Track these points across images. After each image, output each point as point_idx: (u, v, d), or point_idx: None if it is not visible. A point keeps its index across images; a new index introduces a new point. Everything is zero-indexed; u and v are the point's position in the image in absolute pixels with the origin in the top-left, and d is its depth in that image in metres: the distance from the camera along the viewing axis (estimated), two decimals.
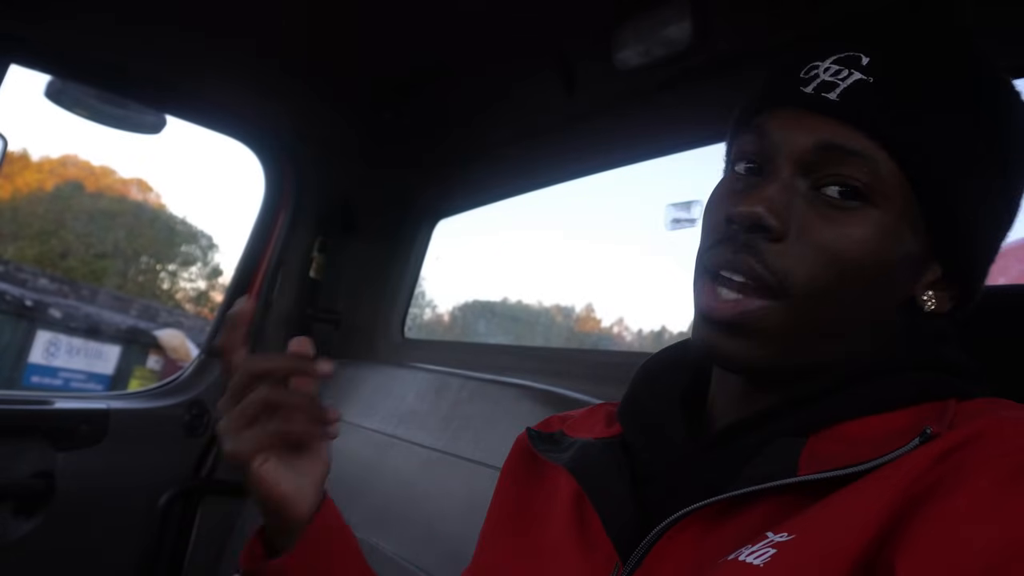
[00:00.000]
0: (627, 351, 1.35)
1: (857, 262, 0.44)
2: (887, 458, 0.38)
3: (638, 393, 0.56)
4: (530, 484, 0.58)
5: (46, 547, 1.30)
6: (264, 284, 1.62)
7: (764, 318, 0.44)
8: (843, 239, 0.43)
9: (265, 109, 1.49)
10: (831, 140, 0.44)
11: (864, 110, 0.44)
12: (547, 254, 23.71)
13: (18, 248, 14.42)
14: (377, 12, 1.13)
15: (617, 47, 1.05)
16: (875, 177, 0.43)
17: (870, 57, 0.45)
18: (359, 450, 1.27)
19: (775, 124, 0.46)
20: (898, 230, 0.44)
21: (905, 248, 0.45)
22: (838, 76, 0.45)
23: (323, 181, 1.64)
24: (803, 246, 0.44)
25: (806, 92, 0.45)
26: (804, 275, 0.43)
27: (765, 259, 0.44)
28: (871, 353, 0.48)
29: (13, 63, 1.19)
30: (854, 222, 0.44)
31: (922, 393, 0.44)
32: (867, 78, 0.44)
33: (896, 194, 0.44)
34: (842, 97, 0.44)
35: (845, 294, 0.44)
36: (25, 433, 1.30)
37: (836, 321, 0.45)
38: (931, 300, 0.47)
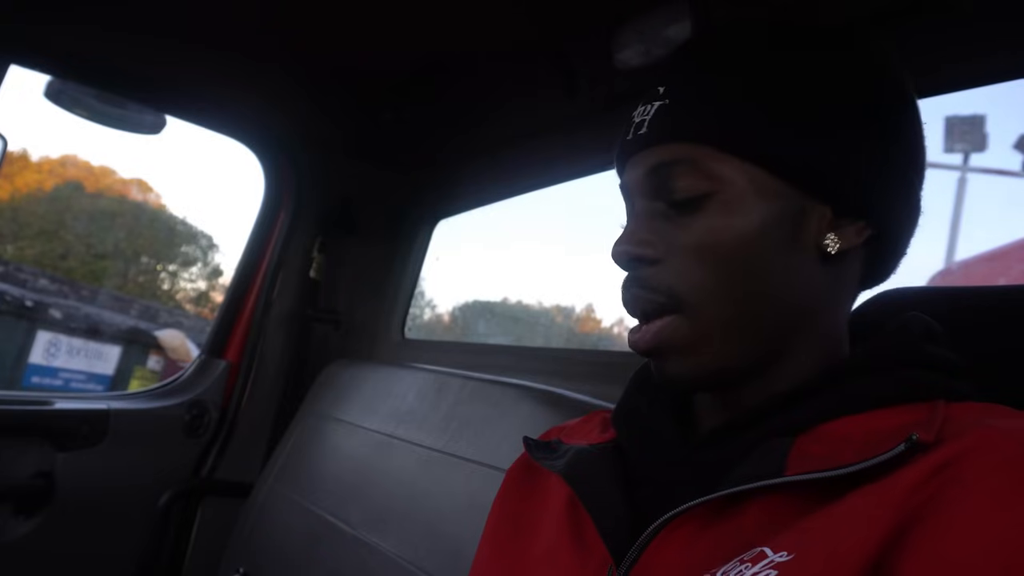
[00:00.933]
0: (627, 351, 1.35)
1: (718, 247, 0.47)
2: (874, 462, 0.38)
3: (632, 398, 0.57)
4: (527, 493, 0.60)
5: (46, 547, 1.30)
6: (264, 284, 1.62)
7: (676, 331, 0.48)
8: (698, 235, 0.47)
9: (265, 109, 1.49)
10: (655, 162, 0.49)
11: (664, 126, 0.49)
12: (547, 254, 23.73)
13: (18, 248, 14.42)
14: (377, 12, 1.13)
15: (617, 47, 1.05)
16: (704, 171, 0.47)
17: (664, 85, 0.50)
18: (359, 450, 1.27)
19: (624, 175, 0.54)
20: (751, 201, 0.47)
21: (769, 211, 0.47)
22: (644, 113, 0.51)
23: (323, 181, 1.64)
24: (675, 258, 0.48)
25: (628, 139, 0.52)
26: (687, 283, 0.47)
27: (649, 284, 0.48)
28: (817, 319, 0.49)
29: (13, 63, 1.19)
30: (706, 215, 0.47)
31: (908, 391, 0.44)
32: (664, 101, 0.50)
33: (732, 173, 0.47)
34: (649, 126, 0.50)
35: (731, 280, 0.47)
36: (25, 433, 1.30)
37: (744, 306, 0.47)
38: (833, 240, 0.48)
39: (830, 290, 0.49)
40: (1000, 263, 2.43)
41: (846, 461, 0.40)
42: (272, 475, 1.43)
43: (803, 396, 0.47)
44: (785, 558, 0.38)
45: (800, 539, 0.38)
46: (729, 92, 0.48)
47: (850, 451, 0.41)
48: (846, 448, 0.41)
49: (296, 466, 1.39)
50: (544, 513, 0.55)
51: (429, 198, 1.68)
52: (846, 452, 0.41)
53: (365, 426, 1.31)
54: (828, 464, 0.40)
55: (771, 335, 0.48)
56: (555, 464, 0.55)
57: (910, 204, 0.51)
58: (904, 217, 0.51)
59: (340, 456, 1.30)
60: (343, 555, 1.14)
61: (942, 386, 0.45)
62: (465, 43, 1.20)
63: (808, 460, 0.42)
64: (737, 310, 0.47)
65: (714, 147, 0.47)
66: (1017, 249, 2.49)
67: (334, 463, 1.31)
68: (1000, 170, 6.84)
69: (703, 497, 0.43)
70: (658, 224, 0.50)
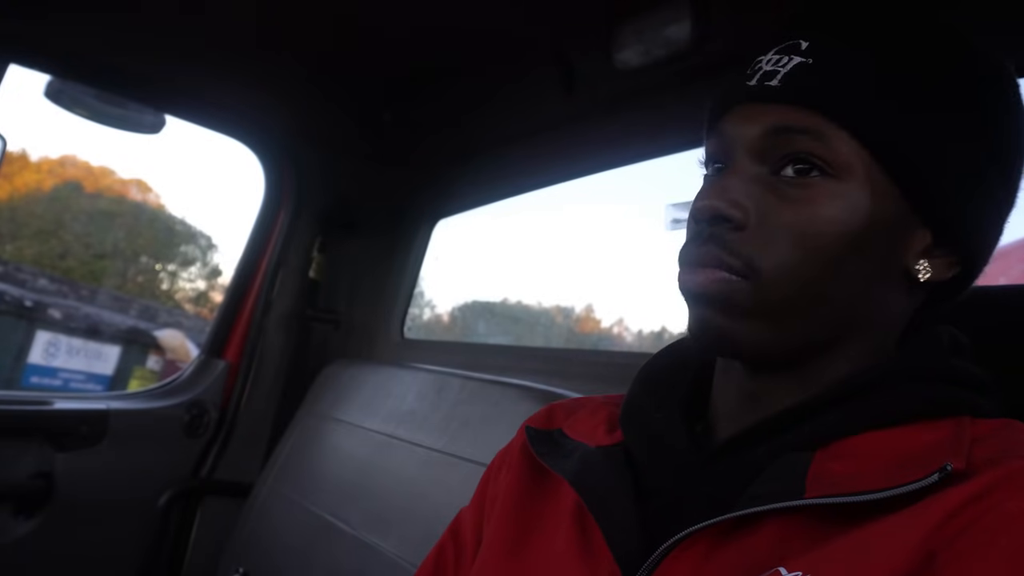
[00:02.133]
0: (627, 351, 1.36)
1: (819, 237, 0.44)
2: (900, 491, 0.37)
3: (638, 399, 0.55)
4: (534, 486, 0.57)
5: (46, 547, 1.29)
6: (264, 284, 1.62)
7: (735, 292, 0.44)
8: (803, 216, 0.44)
9: (265, 109, 1.49)
10: (778, 123, 0.45)
11: (805, 89, 0.45)
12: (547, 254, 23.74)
13: (16, 248, 14.41)
14: (377, 12, 1.13)
15: (617, 47, 1.05)
16: (829, 151, 0.44)
17: (808, 41, 0.46)
18: (359, 450, 1.27)
19: (730, 122, 0.48)
20: (864, 199, 0.44)
21: (878, 217, 0.44)
22: (779, 64, 0.46)
23: (323, 181, 1.63)
24: (765, 230, 0.44)
25: (750, 85, 0.47)
26: (769, 258, 0.44)
27: (730, 247, 0.45)
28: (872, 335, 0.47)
29: (13, 63, 1.19)
30: (813, 198, 0.44)
31: (933, 407, 0.43)
32: (806, 60, 0.45)
33: (856, 163, 0.44)
34: (783, 81, 0.45)
35: (815, 270, 0.44)
36: (25, 433, 1.30)
37: (814, 299, 0.45)
38: (925, 268, 0.46)
39: (895, 311, 0.48)
40: (1000, 263, 2.43)
41: (870, 485, 0.38)
42: (272, 475, 1.43)
43: (825, 406, 0.45)
44: None
45: (818, 561, 0.37)
46: (877, 76, 0.44)
47: (875, 473, 0.39)
48: (869, 468, 0.40)
49: (296, 466, 1.39)
50: (553, 514, 0.53)
51: (429, 198, 1.68)
52: (870, 474, 0.39)
53: (365, 426, 1.30)
54: (851, 487, 0.39)
55: (822, 335, 0.46)
56: (563, 467, 0.53)
57: (997, 234, 0.49)
58: (990, 251, 0.49)
59: (340, 456, 1.30)
60: (343, 555, 1.14)
61: (968, 402, 0.43)
62: (465, 43, 1.20)
63: (829, 480, 0.40)
64: (807, 301, 0.44)
65: (849, 130, 0.44)
66: (1017, 249, 2.49)
67: (334, 463, 1.31)
68: None
69: (717, 518, 0.41)
70: (757, 189, 0.45)
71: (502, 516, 0.57)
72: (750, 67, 0.48)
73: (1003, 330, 0.56)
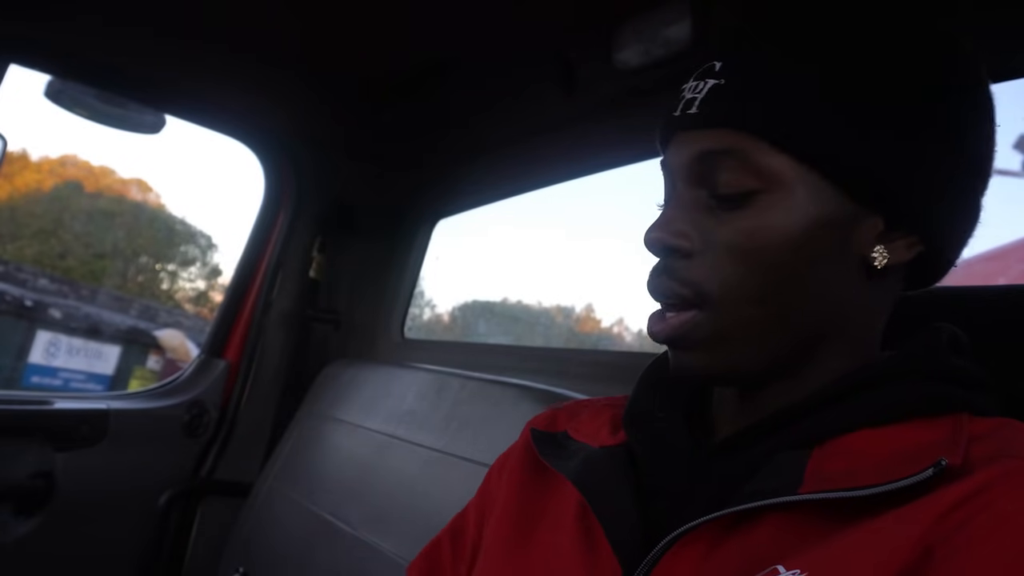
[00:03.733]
0: (627, 351, 1.36)
1: (760, 251, 0.44)
2: (898, 485, 0.37)
3: (642, 400, 0.55)
4: (536, 486, 0.57)
5: (46, 547, 1.29)
6: (264, 284, 1.62)
7: (696, 327, 0.46)
8: (739, 234, 0.45)
9: (265, 109, 1.49)
10: (703, 149, 0.46)
11: (719, 110, 0.46)
12: (547, 254, 23.74)
13: (16, 248, 14.41)
14: (377, 12, 1.13)
15: (617, 47, 1.05)
16: (754, 165, 0.45)
17: (721, 62, 0.47)
18: (359, 450, 1.27)
19: (668, 154, 0.50)
20: (800, 203, 0.44)
21: (818, 216, 0.44)
22: (696, 90, 0.48)
23: (323, 181, 1.63)
24: (710, 254, 0.46)
25: (675, 116, 0.49)
26: (716, 281, 0.45)
27: (679, 276, 0.46)
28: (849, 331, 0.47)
29: (13, 63, 1.19)
30: (750, 214, 0.45)
31: (931, 404, 0.43)
32: (719, 81, 0.46)
33: (784, 171, 0.44)
34: (700, 107, 0.47)
35: (766, 284, 0.45)
36: (25, 433, 1.30)
37: (774, 311, 0.45)
38: (881, 254, 0.46)
39: (869, 302, 0.48)
40: (1000, 263, 2.43)
41: (867, 480, 0.38)
42: (272, 475, 1.43)
43: (823, 405, 0.45)
44: (798, 575, 0.37)
45: (815, 557, 0.38)
46: (790, 82, 0.45)
47: (871, 469, 0.40)
48: (866, 465, 0.40)
49: (296, 466, 1.39)
50: (555, 513, 0.54)
51: (429, 198, 1.68)
52: (866, 470, 0.40)
53: (365, 426, 1.30)
54: (848, 483, 0.39)
55: (797, 343, 0.46)
56: (564, 466, 0.53)
57: (968, 215, 0.48)
58: (960, 230, 0.48)
59: (340, 456, 1.30)
60: (343, 555, 1.14)
61: (965, 400, 0.43)
62: (465, 43, 1.20)
63: (826, 476, 0.41)
64: (764, 314, 0.45)
65: (767, 141, 0.44)
66: (1017, 249, 2.49)
67: (334, 463, 1.31)
68: (1000, 170, 6.83)
69: (715, 513, 0.42)
70: (698, 215, 0.47)
71: (505, 515, 0.57)
72: (677, 96, 0.50)
73: (1003, 330, 0.56)
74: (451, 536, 0.65)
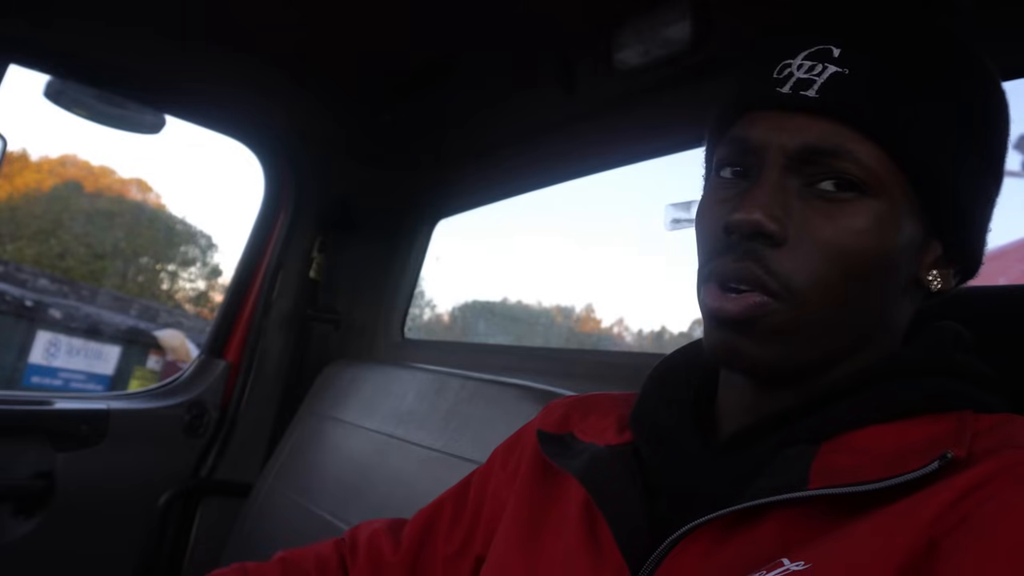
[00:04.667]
0: (627, 351, 1.36)
1: (860, 255, 0.43)
2: (904, 479, 0.38)
3: (648, 400, 0.55)
4: (545, 486, 0.58)
5: (46, 547, 1.29)
6: (264, 284, 1.62)
7: (772, 314, 0.43)
8: (843, 234, 0.43)
9: (265, 109, 1.49)
10: (818, 138, 0.44)
11: (845, 104, 0.44)
12: (547, 254, 23.73)
13: (16, 248, 14.41)
14: (377, 12, 1.13)
15: (617, 47, 1.05)
16: (866, 169, 0.43)
17: (841, 48, 0.45)
18: (359, 450, 1.27)
19: (759, 127, 0.46)
20: (896, 216, 0.44)
21: (905, 233, 0.45)
22: (812, 72, 0.44)
23: (323, 181, 1.63)
24: (805, 247, 0.44)
25: (783, 92, 0.45)
26: (808, 276, 0.43)
27: (769, 266, 0.43)
28: (881, 343, 0.48)
29: (13, 63, 1.19)
30: (852, 215, 0.43)
31: (936, 401, 0.43)
32: (842, 70, 0.44)
33: (890, 181, 0.44)
34: (821, 93, 0.44)
35: (852, 288, 0.44)
36: (25, 433, 1.30)
37: (844, 316, 0.45)
38: (936, 279, 0.47)
39: (903, 317, 0.49)
40: (1000, 263, 2.43)
41: (873, 475, 0.38)
42: (272, 475, 1.43)
43: (828, 401, 0.45)
44: (802, 567, 0.37)
45: (820, 550, 0.38)
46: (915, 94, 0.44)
47: (877, 464, 0.40)
48: (872, 460, 0.40)
49: (296, 466, 1.39)
50: (562, 511, 0.54)
51: (429, 198, 1.68)
52: (872, 465, 0.40)
53: (365, 426, 1.31)
54: (853, 478, 0.39)
55: (840, 347, 0.46)
56: (570, 464, 0.53)
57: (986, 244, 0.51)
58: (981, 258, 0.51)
59: (340, 456, 1.30)
60: None
61: (970, 396, 0.44)
62: (465, 43, 1.20)
63: (832, 472, 0.41)
64: (838, 317, 0.44)
65: (888, 148, 0.43)
66: (1017, 249, 2.49)
67: (334, 463, 1.31)
68: None
69: (722, 510, 0.41)
70: (792, 203, 0.44)
71: (515, 515, 0.58)
72: (776, 70, 0.46)
73: (1004, 329, 0.56)
74: (454, 502, 0.68)
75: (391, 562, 0.66)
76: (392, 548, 0.68)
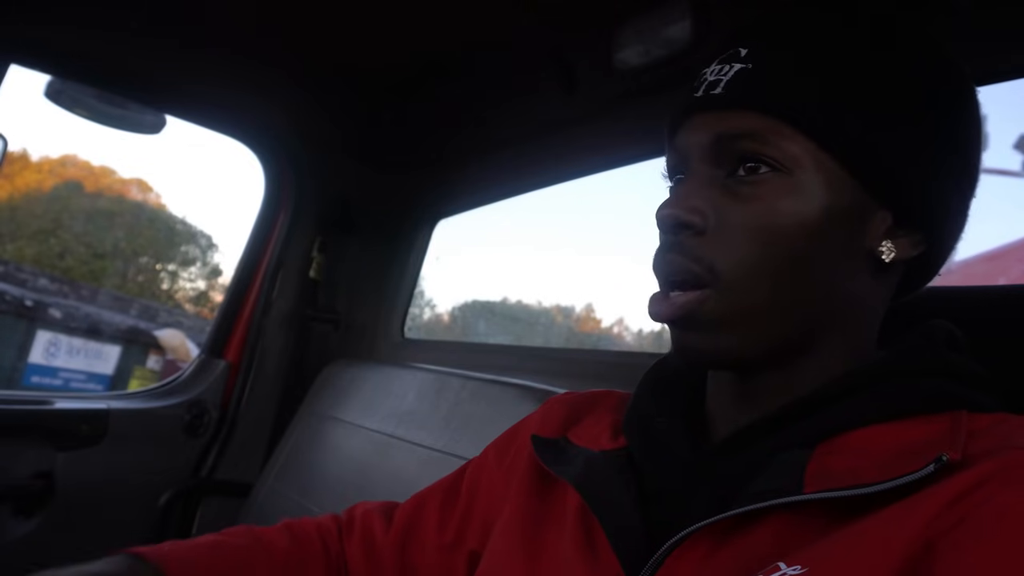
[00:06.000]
0: (627, 351, 1.36)
1: (778, 232, 0.45)
2: (899, 482, 0.38)
3: (641, 403, 0.55)
4: (541, 492, 0.58)
5: (46, 547, 1.29)
6: (264, 284, 1.62)
7: (704, 305, 0.46)
8: (760, 214, 0.45)
9: (265, 109, 1.49)
10: (726, 127, 0.47)
11: (749, 93, 0.47)
12: (547, 254, 23.73)
13: (16, 248, 14.41)
14: (377, 12, 1.13)
15: (617, 47, 1.05)
16: (776, 148, 0.45)
17: (747, 48, 0.48)
18: (359, 450, 1.27)
19: (682, 132, 0.50)
20: (817, 189, 0.45)
21: (833, 204, 0.45)
22: (721, 73, 0.48)
23: (323, 181, 1.64)
24: (726, 232, 0.46)
25: (697, 96, 0.49)
26: (730, 258, 0.45)
27: (692, 253, 0.46)
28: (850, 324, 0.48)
29: (13, 63, 1.19)
30: (766, 194, 0.45)
31: (931, 402, 0.43)
32: (746, 65, 0.47)
33: (804, 156, 0.45)
34: (726, 88, 0.47)
35: (779, 265, 0.45)
36: (25, 433, 1.30)
37: (783, 294, 0.45)
38: (888, 248, 0.47)
39: (869, 298, 0.48)
40: (1000, 263, 2.43)
41: (868, 478, 0.39)
42: (272, 475, 1.43)
43: (822, 403, 0.45)
44: (798, 571, 0.37)
45: (816, 554, 0.38)
46: (815, 71, 0.46)
47: (872, 467, 0.40)
48: (867, 463, 0.40)
49: (296, 466, 1.39)
50: (559, 517, 0.54)
51: (429, 198, 1.68)
52: (868, 468, 0.40)
53: (365, 426, 1.31)
54: (849, 481, 0.39)
55: (800, 330, 0.47)
56: (566, 471, 0.53)
57: (962, 216, 0.50)
58: (956, 230, 0.50)
59: (340, 456, 1.30)
60: None
61: (964, 397, 0.44)
62: (465, 43, 1.20)
63: (827, 475, 0.41)
64: (774, 297, 0.45)
65: (791, 124, 0.45)
66: (1017, 249, 2.49)
67: (334, 463, 1.31)
68: (1000, 170, 6.84)
69: (717, 516, 0.41)
70: (714, 193, 0.47)
71: (513, 519, 0.58)
72: (697, 79, 0.50)
73: (1003, 330, 0.56)
74: (445, 491, 0.69)
75: (381, 542, 0.68)
76: (383, 529, 0.69)
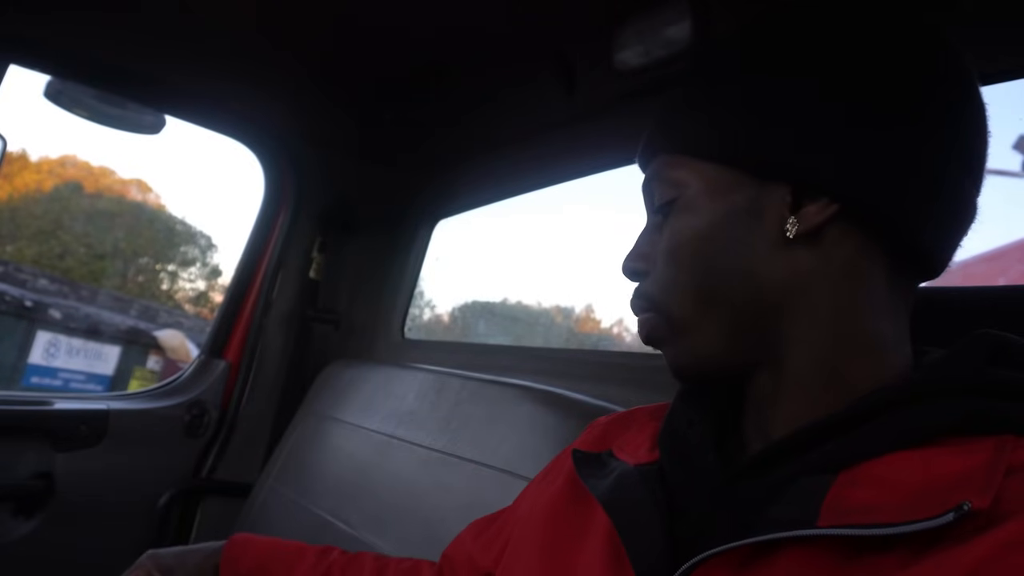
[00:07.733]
0: (627, 351, 1.36)
1: (685, 249, 0.50)
2: (914, 528, 0.34)
3: (676, 417, 0.54)
4: (576, 504, 0.57)
5: (46, 548, 1.29)
6: (264, 284, 1.62)
7: (654, 326, 0.52)
8: (667, 238, 0.51)
9: (265, 109, 1.49)
10: (645, 178, 0.55)
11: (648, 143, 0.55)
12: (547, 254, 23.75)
13: (17, 248, 14.41)
14: (377, 12, 1.13)
15: (617, 47, 1.05)
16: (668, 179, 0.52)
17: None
18: (359, 450, 1.27)
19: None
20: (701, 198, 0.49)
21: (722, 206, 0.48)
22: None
23: (323, 181, 1.64)
24: (658, 267, 0.52)
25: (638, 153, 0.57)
26: (656, 285, 0.51)
27: (640, 292, 0.53)
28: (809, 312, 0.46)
29: (13, 63, 1.19)
30: (672, 221, 0.51)
31: (969, 423, 0.39)
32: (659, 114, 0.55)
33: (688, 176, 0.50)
34: (641, 146, 0.56)
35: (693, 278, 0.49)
36: (25, 434, 1.30)
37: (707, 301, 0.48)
38: (792, 224, 0.46)
39: (812, 274, 0.46)
40: (1000, 263, 2.43)
41: (886, 517, 0.36)
42: (272, 475, 1.43)
43: (848, 425, 0.42)
44: None
45: None
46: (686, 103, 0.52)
47: (893, 504, 0.37)
48: (889, 498, 0.37)
49: (296, 466, 1.39)
50: (589, 529, 0.53)
51: (429, 198, 1.68)
52: (887, 505, 0.37)
53: (365, 426, 1.30)
54: (866, 519, 0.36)
55: (747, 320, 0.47)
56: (597, 486, 0.53)
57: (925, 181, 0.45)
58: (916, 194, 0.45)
59: (340, 456, 1.30)
60: None
61: (1009, 418, 0.39)
62: (465, 43, 1.20)
63: (844, 510, 0.38)
64: (700, 307, 0.49)
65: (680, 154, 0.51)
66: (1017, 249, 2.49)
67: (334, 463, 1.31)
68: (999, 170, 6.83)
69: (734, 543, 0.40)
70: (655, 236, 0.54)
71: (540, 522, 0.58)
72: None
73: (1002, 330, 0.56)
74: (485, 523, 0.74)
75: None
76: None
